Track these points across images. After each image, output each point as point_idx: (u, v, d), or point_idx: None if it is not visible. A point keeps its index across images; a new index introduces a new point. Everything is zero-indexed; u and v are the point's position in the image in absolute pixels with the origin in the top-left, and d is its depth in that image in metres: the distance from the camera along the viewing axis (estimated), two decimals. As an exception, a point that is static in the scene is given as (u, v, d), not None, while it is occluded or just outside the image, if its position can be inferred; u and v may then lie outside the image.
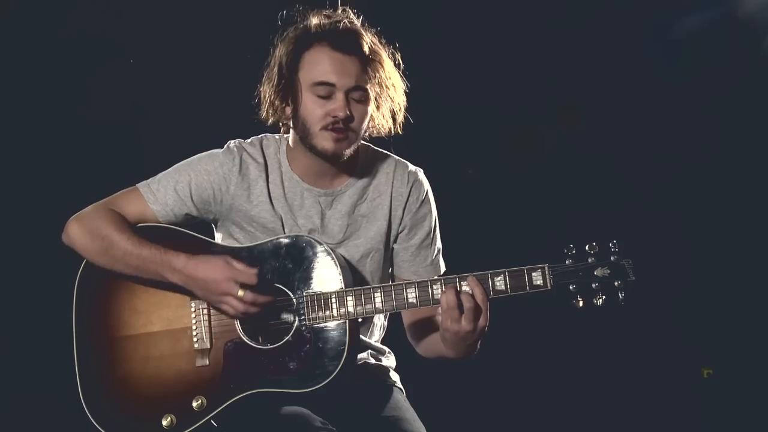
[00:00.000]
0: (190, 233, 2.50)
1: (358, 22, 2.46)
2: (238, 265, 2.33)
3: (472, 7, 3.91)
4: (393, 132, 2.55)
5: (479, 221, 4.03)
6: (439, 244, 2.63)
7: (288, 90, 2.44)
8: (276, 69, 2.46)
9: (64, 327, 2.47)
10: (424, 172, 2.64)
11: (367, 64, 2.42)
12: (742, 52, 3.90)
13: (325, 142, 2.40)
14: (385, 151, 2.62)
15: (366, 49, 2.41)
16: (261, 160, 2.53)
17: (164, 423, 2.33)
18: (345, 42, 2.39)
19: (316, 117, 2.39)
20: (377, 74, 2.43)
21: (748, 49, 3.89)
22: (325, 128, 2.39)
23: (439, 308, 2.30)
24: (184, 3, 3.74)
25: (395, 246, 2.59)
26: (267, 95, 2.49)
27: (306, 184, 2.53)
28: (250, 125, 2.61)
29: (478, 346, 2.36)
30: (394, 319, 2.68)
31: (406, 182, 2.57)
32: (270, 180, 2.53)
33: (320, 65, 2.38)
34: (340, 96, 2.37)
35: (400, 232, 2.58)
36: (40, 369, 3.63)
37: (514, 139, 4.09)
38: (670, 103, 4.04)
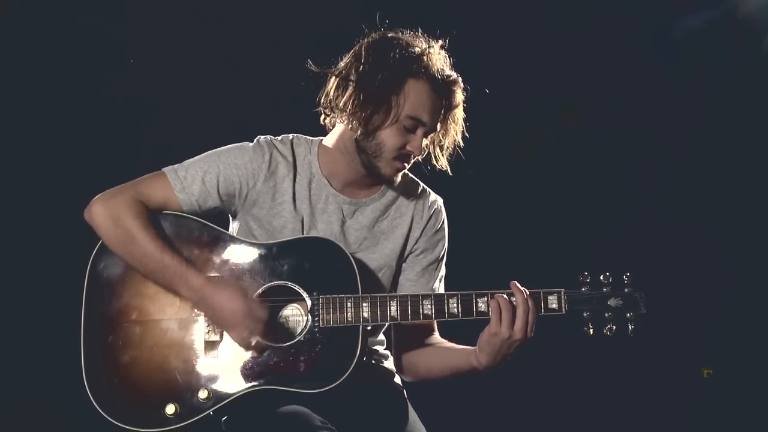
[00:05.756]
0: (210, 225, 2.47)
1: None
2: (254, 301, 2.36)
3: (472, 7, 3.92)
4: (443, 168, 2.59)
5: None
6: (443, 271, 2.65)
7: (378, 104, 2.40)
8: (369, 79, 2.39)
9: (71, 309, 2.44)
10: (441, 187, 2.67)
11: (449, 111, 2.48)
12: (742, 52, 3.91)
13: (389, 169, 2.45)
14: (411, 175, 2.64)
15: (456, 101, 2.47)
16: (290, 158, 2.52)
17: (168, 411, 2.30)
18: (445, 89, 2.44)
19: (393, 145, 2.42)
20: (452, 120, 2.50)
21: (748, 49, 3.90)
22: (396, 158, 2.43)
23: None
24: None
25: (403, 264, 2.61)
26: (343, 96, 2.43)
27: (333, 189, 2.53)
28: (259, 122, 2.62)
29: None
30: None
31: (428, 208, 2.61)
32: (297, 180, 2.52)
33: (421, 101, 2.40)
34: (420, 133, 2.43)
35: (412, 252, 2.60)
36: (43, 356, 3.60)
37: (517, 142, 4.09)
38: (670, 103, 4.05)
